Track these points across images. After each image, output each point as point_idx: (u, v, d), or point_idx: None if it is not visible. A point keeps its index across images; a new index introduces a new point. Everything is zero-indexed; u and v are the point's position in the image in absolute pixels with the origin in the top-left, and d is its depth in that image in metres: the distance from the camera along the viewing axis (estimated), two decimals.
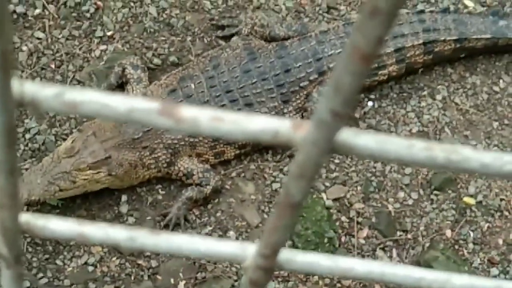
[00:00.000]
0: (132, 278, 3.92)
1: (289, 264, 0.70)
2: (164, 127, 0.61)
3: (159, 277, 3.94)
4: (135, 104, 0.59)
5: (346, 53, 0.53)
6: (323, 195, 4.18)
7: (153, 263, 3.95)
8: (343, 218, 4.14)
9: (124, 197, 4.10)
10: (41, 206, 3.96)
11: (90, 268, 3.93)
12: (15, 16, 4.33)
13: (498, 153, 0.60)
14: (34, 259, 3.91)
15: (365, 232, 4.14)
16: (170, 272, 3.97)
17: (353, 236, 4.11)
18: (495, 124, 4.40)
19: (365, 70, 0.53)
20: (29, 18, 4.36)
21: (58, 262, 3.94)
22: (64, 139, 4.09)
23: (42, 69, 4.30)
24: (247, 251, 0.69)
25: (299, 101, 4.22)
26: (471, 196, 4.22)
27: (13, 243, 0.71)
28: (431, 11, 4.44)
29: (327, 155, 0.61)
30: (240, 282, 3.94)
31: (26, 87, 0.56)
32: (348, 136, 0.61)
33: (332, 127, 0.58)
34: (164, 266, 3.97)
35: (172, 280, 3.93)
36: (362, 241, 4.10)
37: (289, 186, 0.64)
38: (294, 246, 4.02)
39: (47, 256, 3.94)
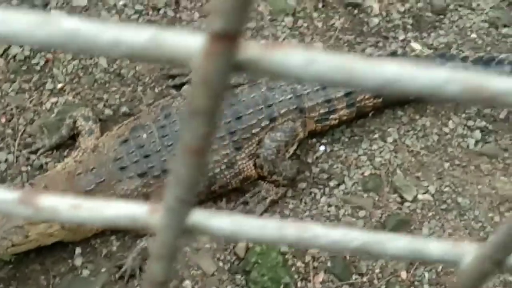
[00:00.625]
0: None
1: None
2: (24, 216, 0.63)
3: None
4: None
5: (179, 149, 0.56)
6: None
7: None
8: (299, 263, 4.15)
9: (78, 250, 4.09)
10: None
11: None
12: None
13: (345, 230, 0.64)
14: None
15: (321, 276, 4.15)
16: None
17: (309, 281, 4.13)
18: (446, 164, 4.46)
19: (201, 162, 0.56)
20: None
21: None
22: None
23: None
24: None
25: (251, 148, 4.24)
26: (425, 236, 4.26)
27: None
28: (379, 55, 4.51)
29: (182, 237, 0.64)
30: None
31: None
32: (201, 218, 0.64)
33: (181, 213, 0.61)
34: None
35: None
36: (319, 286, 4.12)
37: (152, 267, 0.66)
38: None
39: None
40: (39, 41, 0.46)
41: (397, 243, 0.59)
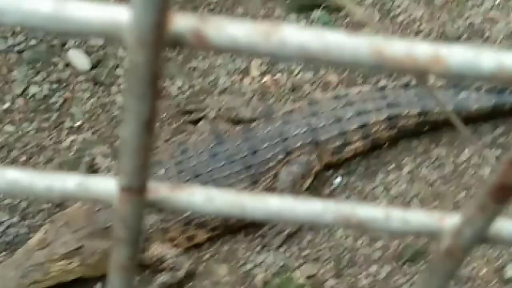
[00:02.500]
0: None
1: None
2: None
3: None
4: None
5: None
6: (296, 274, 4.22)
7: None
8: None
9: (98, 286, 4.13)
10: None
11: None
12: None
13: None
14: None
15: None
16: None
17: None
18: (462, 194, 4.46)
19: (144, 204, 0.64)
20: None
21: None
22: (37, 231, 4.13)
23: (13, 162, 4.37)
24: None
25: (268, 181, 4.25)
26: None
27: None
28: (394, 87, 4.54)
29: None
30: None
31: None
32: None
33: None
34: None
35: None
36: None
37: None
38: None
39: None
40: None
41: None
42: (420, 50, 0.44)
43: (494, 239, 0.54)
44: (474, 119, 4.60)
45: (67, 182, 0.54)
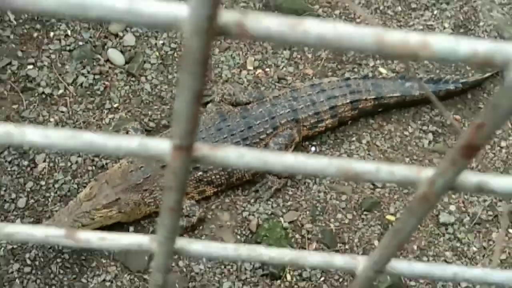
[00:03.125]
0: None
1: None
2: (68, 244, 0.70)
3: None
4: (50, 232, 0.69)
5: None
6: (281, 219, 4.23)
7: None
8: (297, 236, 4.18)
9: (131, 228, 4.12)
10: None
11: (108, 284, 3.97)
12: (43, 95, 4.39)
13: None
14: (65, 278, 3.95)
15: (313, 245, 4.18)
16: (170, 283, 4.00)
17: (305, 249, 4.17)
18: (407, 159, 4.48)
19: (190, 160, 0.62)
20: (55, 97, 4.40)
21: (83, 280, 3.97)
22: (84, 187, 4.13)
23: None
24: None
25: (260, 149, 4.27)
26: (392, 214, 4.28)
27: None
28: (355, 78, 4.53)
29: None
30: None
31: None
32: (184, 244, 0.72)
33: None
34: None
35: None
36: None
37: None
38: None
39: (74, 276, 3.98)
40: (72, 149, 0.54)
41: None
42: (412, 38, 0.43)
43: (460, 187, 0.53)
44: (417, 102, 4.62)
45: (131, 142, 0.53)
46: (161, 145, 0.53)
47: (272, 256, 0.66)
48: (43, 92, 4.40)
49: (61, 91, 4.43)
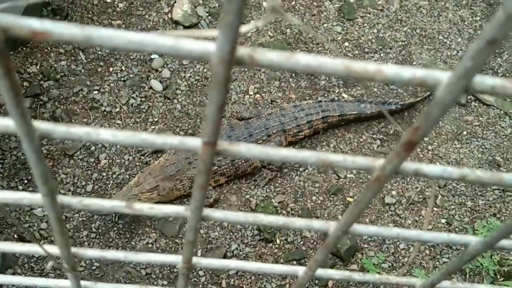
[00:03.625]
0: (173, 250, 3.98)
1: None
2: (128, 212, 0.69)
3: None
4: (115, 203, 0.69)
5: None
6: (273, 200, 4.24)
7: (184, 240, 3.99)
8: (284, 212, 4.18)
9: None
10: (120, 215, 4.02)
11: (150, 246, 3.96)
12: (105, 112, 4.40)
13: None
14: (119, 242, 3.94)
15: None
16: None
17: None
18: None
19: (215, 152, 0.62)
20: (113, 113, 4.40)
21: (132, 243, 3.95)
22: (133, 177, 4.13)
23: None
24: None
25: None
26: (351, 197, 4.30)
27: (70, 261, 0.81)
28: (325, 101, 4.53)
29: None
30: (231, 250, 4.00)
31: None
32: None
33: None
34: None
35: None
36: None
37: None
38: (258, 228, 4.05)
39: (126, 240, 3.97)
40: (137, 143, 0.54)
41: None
42: (370, 66, 0.43)
43: (403, 172, 0.54)
44: (369, 118, 4.62)
45: (174, 140, 0.53)
46: (195, 142, 0.53)
47: (270, 221, 0.67)
48: (104, 110, 4.40)
49: (117, 109, 4.43)
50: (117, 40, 0.41)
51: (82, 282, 0.89)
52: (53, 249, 0.76)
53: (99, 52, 4.63)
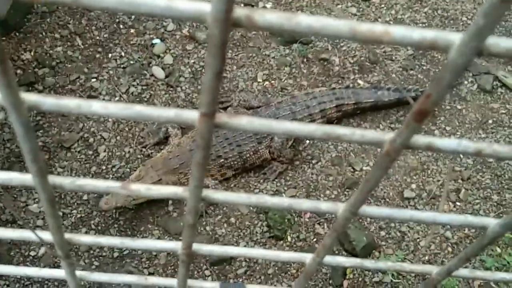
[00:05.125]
0: None
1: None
2: (123, 193, 0.70)
3: None
4: (110, 184, 0.69)
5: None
6: (283, 195, 4.24)
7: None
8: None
9: (170, 201, 4.17)
10: (123, 209, 4.04)
11: None
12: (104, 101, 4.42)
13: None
14: None
15: (308, 214, 4.19)
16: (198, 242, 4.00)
17: (301, 217, 4.18)
18: (379, 149, 4.44)
19: (213, 125, 0.63)
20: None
21: None
22: (135, 170, 4.16)
23: (120, 131, 4.38)
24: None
25: (267, 142, 4.28)
26: None
27: (63, 248, 0.82)
28: (339, 88, 4.53)
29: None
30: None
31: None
32: None
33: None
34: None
35: None
36: (307, 220, 4.17)
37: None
38: (268, 225, 4.08)
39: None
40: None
41: None
42: (377, 27, 0.43)
43: (414, 146, 0.54)
44: (386, 107, 4.61)
45: (170, 112, 0.54)
46: (191, 114, 0.53)
47: (274, 202, 0.67)
48: (103, 99, 4.42)
49: (117, 98, 4.45)
50: (107, 0, 0.42)
51: (77, 272, 0.90)
52: (47, 236, 0.77)
53: (97, 38, 4.65)
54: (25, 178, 0.63)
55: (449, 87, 0.47)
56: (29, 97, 0.52)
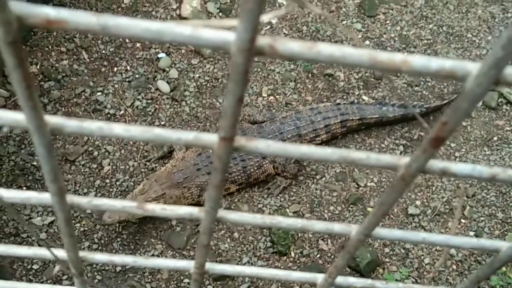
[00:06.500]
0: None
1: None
2: (139, 213, 0.71)
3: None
4: (125, 204, 0.70)
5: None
6: (287, 210, 4.24)
7: (191, 252, 4.02)
8: None
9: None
10: (126, 222, 4.04)
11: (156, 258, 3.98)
12: (109, 115, 4.43)
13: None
14: (123, 253, 3.96)
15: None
16: None
17: (305, 233, 4.17)
18: None
19: (231, 148, 0.64)
20: (117, 116, 4.44)
21: (137, 255, 3.97)
22: (139, 184, 4.16)
23: (125, 145, 4.40)
24: None
25: (271, 157, 4.28)
26: (372, 207, 4.28)
27: (77, 265, 0.82)
28: (344, 103, 4.54)
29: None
30: (243, 263, 4.01)
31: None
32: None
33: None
34: None
35: None
36: (311, 235, 4.16)
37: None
38: (272, 240, 4.07)
39: (130, 251, 3.99)
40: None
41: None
42: (396, 57, 0.45)
43: (429, 171, 0.55)
44: (391, 122, 4.61)
45: (189, 135, 0.55)
46: (211, 137, 0.54)
47: (289, 223, 0.68)
48: (108, 113, 4.44)
49: (122, 112, 4.47)
50: (134, 29, 0.43)
51: None
52: (61, 253, 0.78)
53: (103, 51, 4.68)
54: (43, 197, 0.65)
55: (466, 116, 0.48)
56: (53, 120, 0.53)
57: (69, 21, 0.42)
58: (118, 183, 4.19)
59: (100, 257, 0.79)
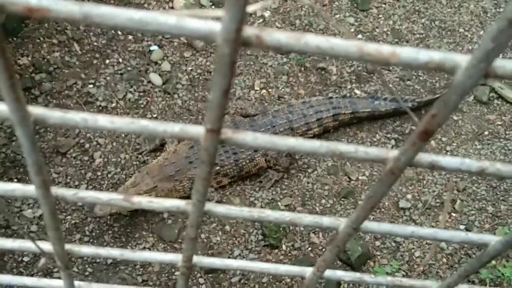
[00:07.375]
0: None
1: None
2: (126, 207, 0.70)
3: None
4: (112, 196, 0.69)
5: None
6: (279, 203, 4.24)
7: (183, 245, 4.00)
8: None
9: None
10: (117, 215, 4.03)
11: (147, 250, 3.97)
12: (100, 107, 4.41)
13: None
14: (114, 246, 3.95)
15: None
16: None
17: (297, 227, 4.17)
18: None
19: (218, 141, 0.63)
20: (109, 109, 4.42)
21: (128, 247, 3.96)
22: (130, 177, 4.15)
23: (117, 137, 4.38)
24: None
25: (263, 150, 4.27)
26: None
27: (63, 259, 0.81)
28: (336, 97, 4.54)
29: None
30: (234, 256, 4.01)
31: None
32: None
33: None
34: None
35: None
36: (302, 229, 4.16)
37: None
38: (263, 233, 4.08)
39: (122, 244, 3.99)
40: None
41: None
42: (384, 48, 0.44)
43: (417, 164, 0.54)
44: (383, 116, 4.62)
45: (175, 127, 0.54)
46: (197, 130, 0.54)
47: (276, 217, 0.67)
48: (100, 105, 4.41)
49: (113, 104, 4.44)
50: (117, 18, 0.42)
51: (76, 282, 0.90)
52: (46, 246, 0.77)
53: (95, 43, 4.65)
54: (28, 189, 0.63)
55: (455, 108, 0.48)
56: (36, 111, 0.52)
57: (51, 10, 0.41)
58: (109, 175, 4.17)
59: (87, 250, 0.78)
